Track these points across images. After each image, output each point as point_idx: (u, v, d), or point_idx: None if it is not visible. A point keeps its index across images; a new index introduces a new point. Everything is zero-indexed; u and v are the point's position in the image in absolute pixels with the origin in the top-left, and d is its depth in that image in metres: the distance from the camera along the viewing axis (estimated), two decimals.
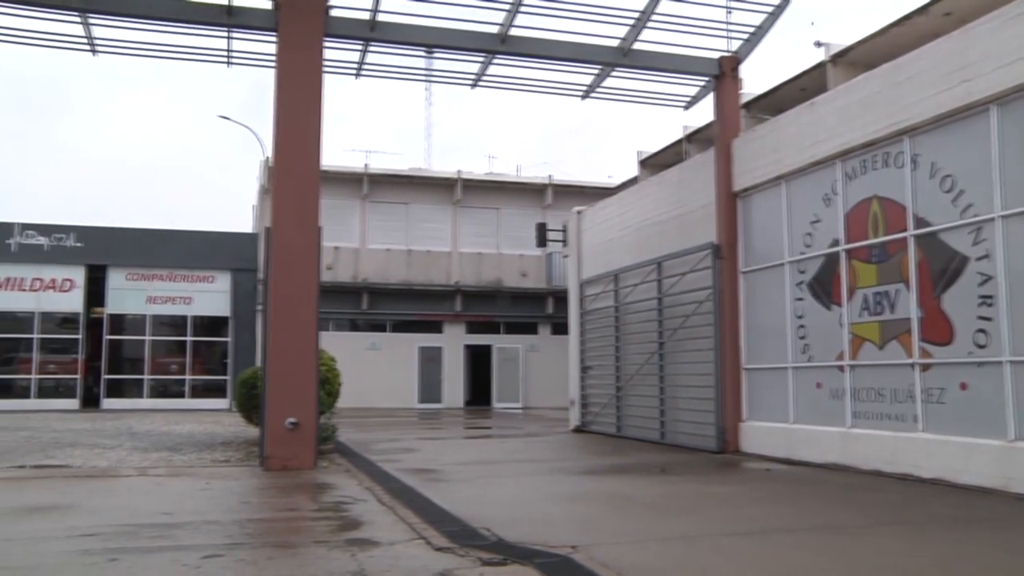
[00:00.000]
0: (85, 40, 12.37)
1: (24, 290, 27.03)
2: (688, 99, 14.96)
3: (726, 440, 13.12)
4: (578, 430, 18.19)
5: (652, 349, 15.56)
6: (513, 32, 12.88)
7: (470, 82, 14.11)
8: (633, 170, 25.97)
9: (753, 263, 13.22)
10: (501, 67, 13.75)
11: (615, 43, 13.40)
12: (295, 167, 11.37)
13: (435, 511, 7.65)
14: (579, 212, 19.48)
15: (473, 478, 10.69)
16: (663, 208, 15.59)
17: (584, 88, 14.49)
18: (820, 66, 17.29)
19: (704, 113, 15.12)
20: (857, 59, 14.23)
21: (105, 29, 12.31)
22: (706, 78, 14.21)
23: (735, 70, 13.98)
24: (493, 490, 9.68)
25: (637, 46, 13.42)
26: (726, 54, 13.90)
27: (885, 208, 10.56)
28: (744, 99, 15.38)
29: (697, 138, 19.84)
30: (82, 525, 6.95)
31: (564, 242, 20.62)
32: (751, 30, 13.66)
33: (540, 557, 5.80)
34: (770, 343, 12.70)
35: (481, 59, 13.50)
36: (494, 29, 12.88)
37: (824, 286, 11.64)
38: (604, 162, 74.75)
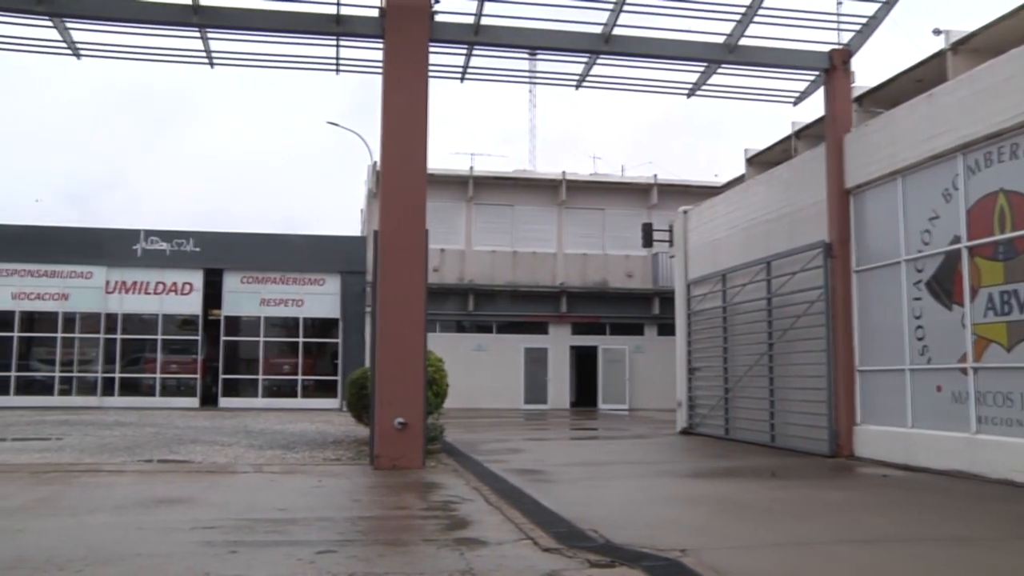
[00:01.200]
0: (204, 54, 12.86)
1: (148, 293, 28.30)
2: (797, 94, 14.58)
3: (839, 444, 12.72)
4: (685, 432, 17.94)
5: (761, 350, 15.22)
6: (617, 31, 12.80)
7: (574, 83, 14.08)
8: (740, 168, 25.42)
9: (867, 262, 12.77)
10: (605, 67, 13.67)
11: (720, 39, 13.16)
12: (402, 171, 11.57)
13: (542, 512, 7.66)
14: (685, 212, 19.22)
15: (579, 479, 10.66)
16: (771, 206, 15.24)
17: (689, 86, 14.28)
18: (939, 55, 16.57)
19: (813, 108, 14.73)
20: (981, 46, 13.55)
21: (222, 42, 12.77)
22: (816, 72, 13.82)
23: (846, 63, 13.55)
24: (600, 492, 9.63)
25: (744, 42, 13.15)
26: (837, 47, 13.49)
27: (1013, 202, 10.03)
28: (855, 93, 14.85)
29: (806, 134, 19.28)
30: (204, 518, 7.22)
31: (670, 242, 20.39)
32: (863, 21, 13.21)
33: (648, 560, 5.73)
34: (886, 344, 12.24)
35: (584, 60, 13.46)
36: (597, 29, 12.82)
37: (944, 285, 11.15)
38: (710, 161, 73.68)
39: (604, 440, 17.51)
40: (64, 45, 12.54)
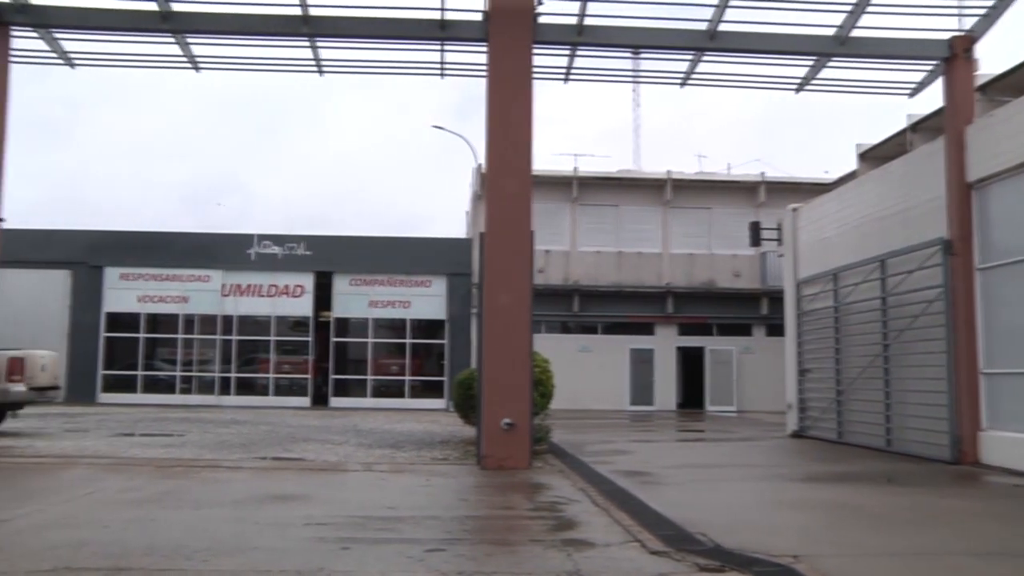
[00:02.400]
0: (313, 62, 13.23)
1: (262, 296, 29.26)
2: (913, 86, 14.04)
3: (962, 450, 12.19)
4: (796, 435, 17.49)
5: (876, 351, 14.72)
6: (722, 28, 12.58)
7: (679, 81, 13.91)
8: (851, 164, 24.67)
9: (992, 259, 12.20)
10: (710, 64, 13.45)
11: (831, 32, 12.78)
12: (507, 173, 11.65)
13: (649, 514, 7.60)
14: (794, 209, 18.76)
15: (687, 482, 10.53)
16: (886, 203, 14.72)
17: (798, 81, 13.91)
18: None
19: (931, 100, 14.10)
20: None
21: (330, 51, 13.11)
22: (934, 62, 13.28)
23: (968, 51, 12.96)
24: (708, 495, 9.49)
25: (855, 33, 12.74)
26: (958, 33, 12.93)
27: None
28: (978, 81, 14.19)
29: (923, 127, 18.55)
30: (317, 514, 7.42)
31: (779, 241, 19.92)
32: (989, 4, 12.61)
33: (760, 566, 5.62)
34: (1016, 346, 11.65)
35: (690, 57, 13.28)
36: (702, 26, 12.63)
37: None
38: (820, 157, 71.59)
39: (712, 442, 17.23)
40: (185, 60, 13.10)
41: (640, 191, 30.62)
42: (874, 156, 20.20)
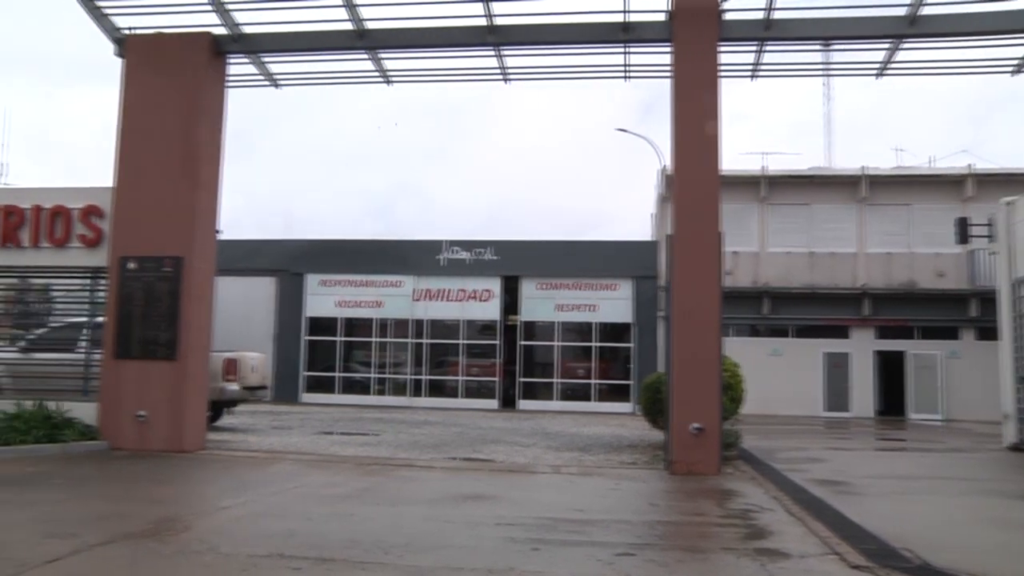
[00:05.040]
0: (499, 71, 13.50)
1: (451, 300, 30.15)
2: None
3: None
4: (1015, 448, 16.18)
5: None
6: (924, 11, 11.82)
7: (874, 72, 13.21)
8: None
9: None
10: (910, 51, 12.70)
11: None
12: (694, 173, 11.47)
13: (848, 526, 7.26)
14: (1009, 203, 17.39)
15: (888, 493, 9.98)
16: None
17: (1016, 62, 12.83)
18: None
19: None
20: None
21: (514, 58, 13.34)
22: None
23: None
24: (913, 508, 8.96)
25: None
26: None
27: None
28: None
29: None
30: (507, 515, 7.55)
31: (990, 237, 18.51)
32: None
33: None
34: None
35: (886, 46, 12.58)
36: (901, 11, 11.93)
37: None
38: None
39: (915, 452, 16.25)
40: (378, 74, 13.69)
41: (833, 189, 29.34)
42: None
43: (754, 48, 12.62)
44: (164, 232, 12.34)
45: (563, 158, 72.42)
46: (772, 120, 70.36)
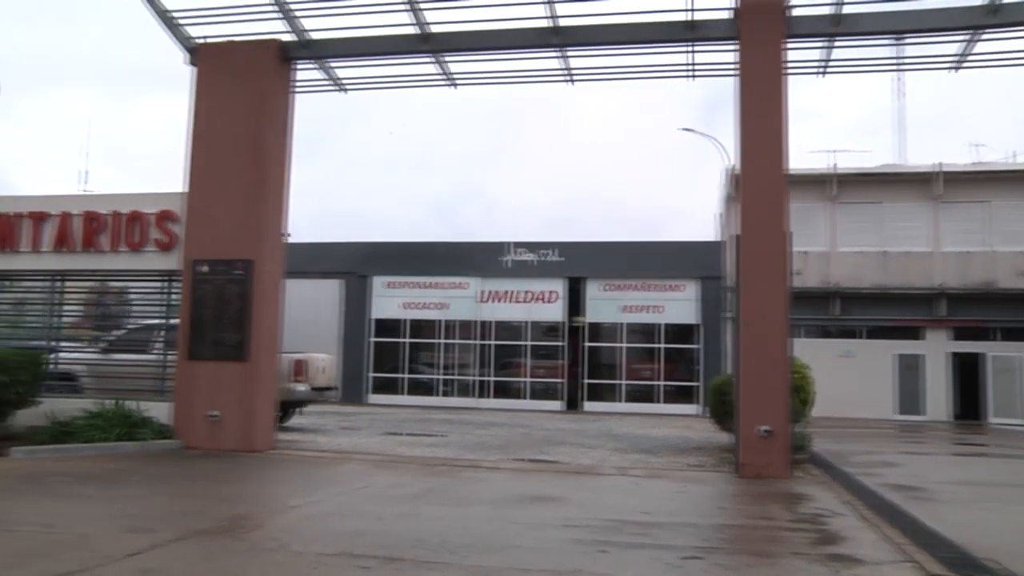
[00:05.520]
0: (564, 72, 13.46)
1: (516, 302, 30.20)
2: None
3: None
4: None
5: None
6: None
7: (950, 65, 12.82)
8: None
9: None
10: (990, 42, 12.28)
11: None
12: (761, 173, 11.30)
13: (924, 532, 7.06)
14: None
15: (968, 500, 9.70)
16: None
17: None
18: None
19: None
20: None
21: (579, 59, 13.28)
22: None
23: None
24: (995, 516, 8.68)
25: None
26: None
27: None
28: None
29: None
30: (573, 516, 7.52)
31: None
32: None
33: None
34: None
35: (964, 37, 12.20)
36: (980, 0, 11.57)
37: None
38: None
39: (996, 458, 15.76)
40: (443, 78, 13.75)
41: (905, 186, 28.61)
42: None
43: (823, 44, 12.36)
44: (234, 236, 12.59)
45: (625, 157, 72.00)
46: (842, 117, 69.01)
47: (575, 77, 13.64)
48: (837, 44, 12.37)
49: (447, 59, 13.38)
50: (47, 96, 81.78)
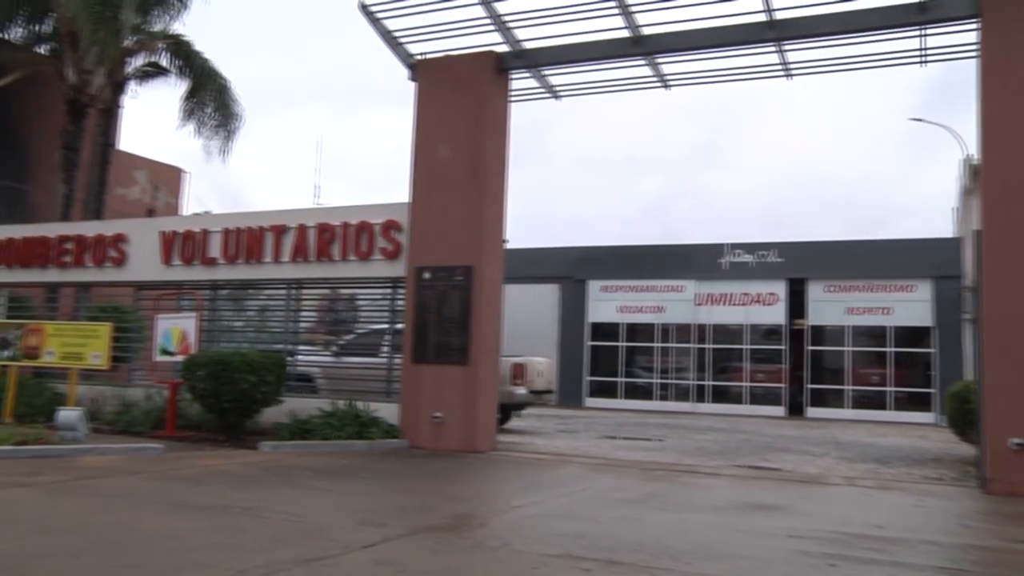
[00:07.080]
0: (781, 67, 12.98)
1: (734, 304, 29.45)
2: None
3: None
4: None
5: None
6: None
7: None
8: None
9: None
10: None
11: None
12: (1008, 162, 10.36)
13: None
14: None
15: None
16: None
17: None
18: None
19: None
20: None
21: (796, 53, 12.77)
22: None
23: None
24: None
25: None
26: None
27: None
28: None
29: None
30: (798, 527, 7.22)
31: None
32: None
33: None
34: None
35: None
36: None
37: None
38: None
39: None
40: (656, 79, 13.65)
41: None
42: None
43: None
44: (455, 243, 13.06)
45: (844, 150, 68.57)
46: None
47: (792, 71, 13.12)
48: None
49: (659, 60, 13.26)
50: (280, 117, 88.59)
